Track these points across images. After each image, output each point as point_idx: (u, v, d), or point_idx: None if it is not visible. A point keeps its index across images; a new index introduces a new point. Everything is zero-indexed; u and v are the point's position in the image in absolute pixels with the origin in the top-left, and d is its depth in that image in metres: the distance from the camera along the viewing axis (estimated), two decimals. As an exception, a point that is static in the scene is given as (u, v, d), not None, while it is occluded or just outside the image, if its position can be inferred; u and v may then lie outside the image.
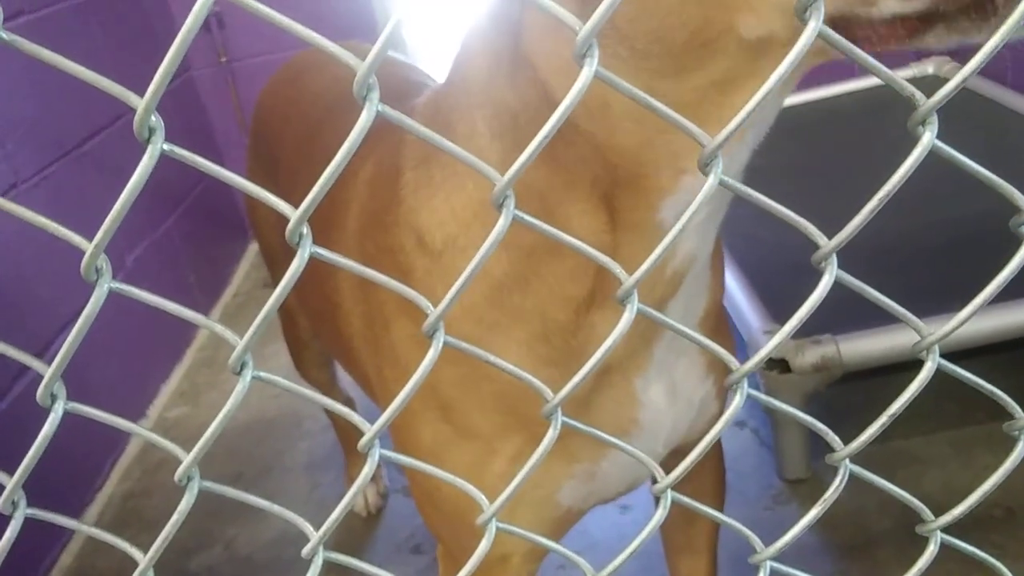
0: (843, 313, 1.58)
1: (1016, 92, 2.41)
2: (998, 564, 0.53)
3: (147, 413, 2.27)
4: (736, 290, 1.75)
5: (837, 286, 0.42)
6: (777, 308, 1.63)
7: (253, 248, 3.22)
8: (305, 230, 0.38)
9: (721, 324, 0.93)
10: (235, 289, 2.96)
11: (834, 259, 0.40)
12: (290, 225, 0.38)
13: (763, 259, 1.82)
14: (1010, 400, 0.49)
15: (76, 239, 0.38)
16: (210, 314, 2.76)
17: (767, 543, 0.55)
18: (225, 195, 3.03)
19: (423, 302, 0.43)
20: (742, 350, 1.73)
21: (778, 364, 1.52)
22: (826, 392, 1.53)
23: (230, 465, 2.01)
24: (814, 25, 0.32)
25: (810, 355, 1.51)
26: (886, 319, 1.52)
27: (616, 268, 0.43)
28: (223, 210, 3.05)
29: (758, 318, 1.63)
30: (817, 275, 0.42)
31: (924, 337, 0.44)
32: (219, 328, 0.40)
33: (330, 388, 1.78)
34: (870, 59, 0.35)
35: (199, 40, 2.90)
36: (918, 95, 0.36)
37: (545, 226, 0.42)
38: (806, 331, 1.53)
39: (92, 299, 0.37)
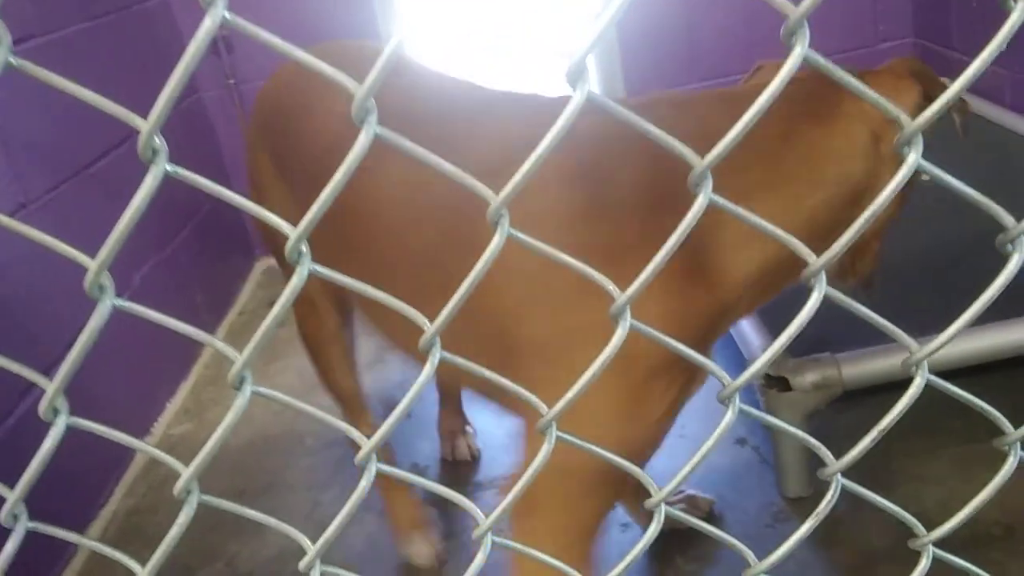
0: (843, 331, 1.58)
1: (1015, 113, 2.42)
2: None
3: (151, 430, 2.28)
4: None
5: (838, 306, 0.42)
6: (778, 327, 1.64)
7: (259, 267, 3.24)
8: (304, 248, 0.39)
9: None
10: (240, 308, 2.97)
11: (823, 276, 0.40)
12: (289, 244, 0.39)
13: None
14: (1000, 415, 0.49)
15: (80, 257, 0.38)
16: (215, 332, 2.77)
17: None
18: (232, 214, 3.05)
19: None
20: (739, 365, 1.74)
21: (778, 382, 1.52)
22: (826, 410, 1.54)
23: (233, 482, 2.02)
24: (799, 51, 0.33)
25: (810, 373, 1.51)
26: (886, 337, 1.53)
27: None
28: (230, 229, 3.07)
29: (758, 336, 1.64)
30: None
31: (913, 353, 0.44)
32: (220, 344, 0.41)
33: (356, 394, 1.67)
34: (855, 82, 0.36)
35: (208, 63, 2.93)
36: (903, 117, 0.36)
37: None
38: (806, 349, 1.54)
39: (95, 316, 0.38)
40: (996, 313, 0.42)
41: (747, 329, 1.69)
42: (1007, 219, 0.40)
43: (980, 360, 1.50)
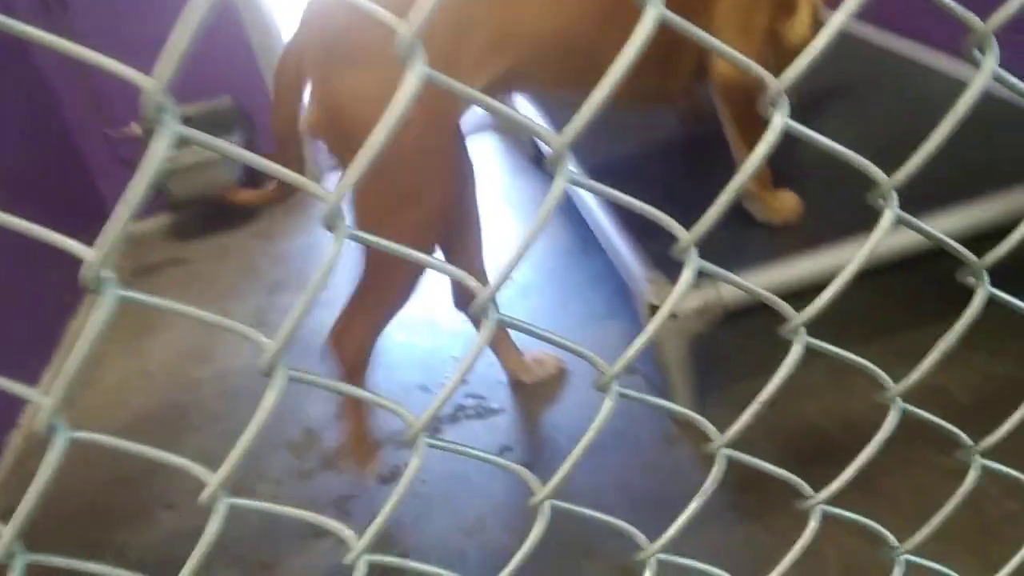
0: (720, 256, 1.59)
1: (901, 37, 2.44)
2: (879, 527, 0.53)
3: (18, 422, 2.14)
4: (616, 236, 1.75)
5: (720, 232, 0.39)
6: (658, 255, 1.63)
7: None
8: (106, 274, 0.34)
9: None
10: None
11: (694, 252, 0.38)
12: (85, 267, 0.33)
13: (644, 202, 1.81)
14: (880, 371, 0.48)
15: None
16: (78, 307, 2.61)
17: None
18: (77, 182, 2.86)
19: None
20: (624, 295, 1.74)
21: (662, 311, 1.53)
22: (708, 332, 1.56)
23: (112, 468, 1.92)
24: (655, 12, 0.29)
25: (692, 299, 1.52)
26: (762, 259, 1.55)
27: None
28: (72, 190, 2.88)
29: (640, 265, 1.63)
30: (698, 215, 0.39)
31: (790, 320, 0.42)
32: (21, 390, 0.35)
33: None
34: (716, 42, 0.32)
35: (41, 25, 2.70)
36: (768, 77, 0.33)
37: None
38: (687, 276, 1.54)
39: None
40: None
41: (627, 258, 1.68)
42: (878, 174, 0.38)
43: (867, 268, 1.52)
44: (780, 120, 0.33)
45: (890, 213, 0.38)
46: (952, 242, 0.47)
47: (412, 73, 0.32)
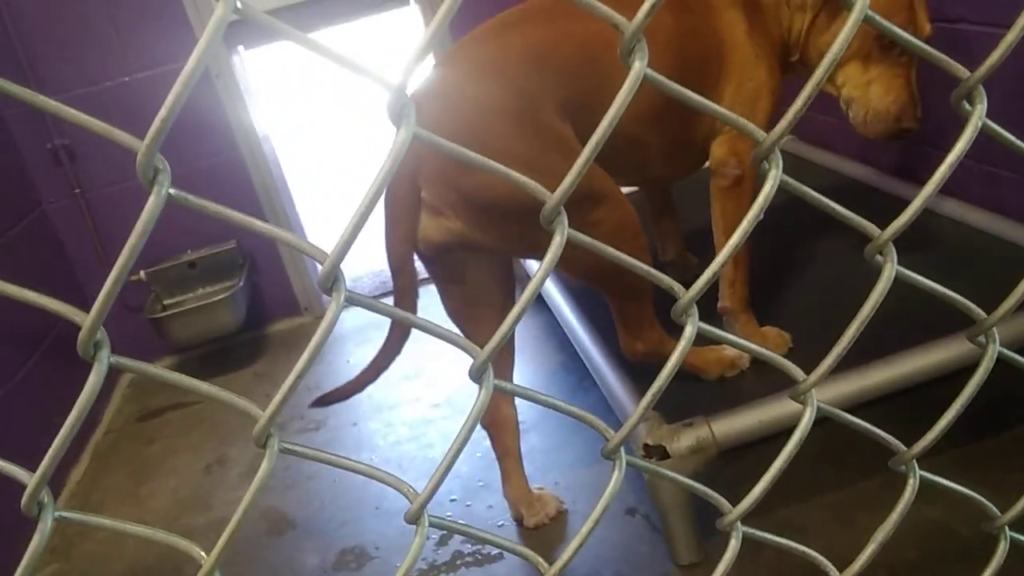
0: (712, 395, 1.60)
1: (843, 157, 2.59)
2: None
3: None
4: (611, 377, 1.75)
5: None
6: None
7: (124, 380, 3.06)
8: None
9: None
10: (106, 427, 2.78)
11: (694, 309, 0.38)
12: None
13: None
14: (893, 438, 0.48)
15: None
16: (81, 455, 2.59)
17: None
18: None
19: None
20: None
21: (656, 451, 1.51)
22: (704, 472, 1.53)
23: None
24: (639, 66, 0.31)
25: (685, 439, 1.51)
26: (753, 396, 1.54)
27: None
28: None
29: (632, 403, 1.63)
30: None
31: (800, 382, 0.42)
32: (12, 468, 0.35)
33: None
34: (703, 101, 0.34)
35: (51, 173, 2.84)
36: (758, 132, 0.35)
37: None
38: (680, 415, 1.54)
39: None
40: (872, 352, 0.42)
41: (621, 396, 1.68)
42: (872, 229, 0.39)
43: (862, 401, 1.53)
44: (776, 173, 0.34)
45: (890, 266, 0.38)
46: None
47: (404, 129, 0.35)
